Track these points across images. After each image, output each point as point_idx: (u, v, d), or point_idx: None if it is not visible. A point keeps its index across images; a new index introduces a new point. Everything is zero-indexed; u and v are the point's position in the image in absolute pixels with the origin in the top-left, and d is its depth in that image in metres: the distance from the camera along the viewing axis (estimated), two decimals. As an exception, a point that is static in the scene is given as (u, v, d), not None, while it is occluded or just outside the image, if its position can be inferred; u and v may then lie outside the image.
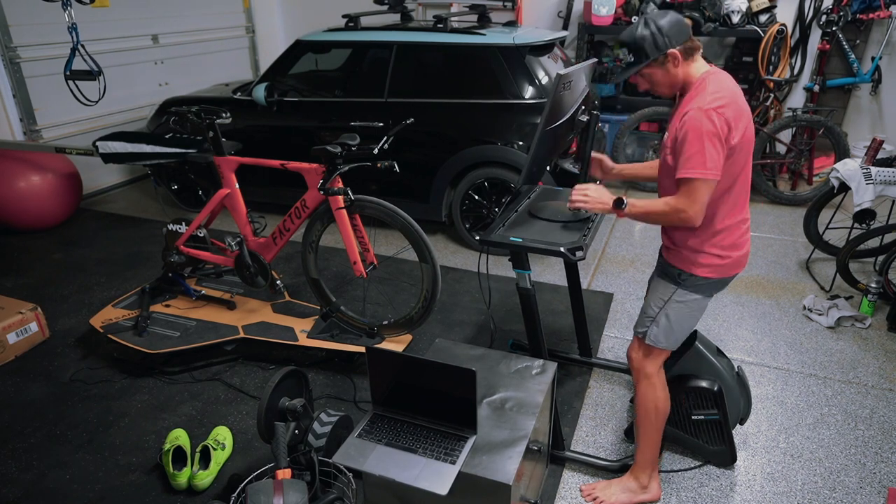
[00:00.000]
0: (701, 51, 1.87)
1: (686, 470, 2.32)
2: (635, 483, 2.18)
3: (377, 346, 2.44)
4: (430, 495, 1.62)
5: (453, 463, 1.66)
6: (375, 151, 2.60)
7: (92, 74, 3.57)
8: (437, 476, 1.63)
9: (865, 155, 3.51)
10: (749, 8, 4.96)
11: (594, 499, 2.19)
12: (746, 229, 1.97)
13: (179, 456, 2.27)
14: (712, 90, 1.74)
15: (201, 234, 3.09)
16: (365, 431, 1.80)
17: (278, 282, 2.98)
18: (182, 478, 2.18)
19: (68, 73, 3.57)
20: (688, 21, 1.83)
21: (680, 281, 1.97)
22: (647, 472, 2.17)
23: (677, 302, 1.99)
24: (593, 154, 2.29)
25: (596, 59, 2.56)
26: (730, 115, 1.72)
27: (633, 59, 1.85)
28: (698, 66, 1.84)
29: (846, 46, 4.96)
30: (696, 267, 1.93)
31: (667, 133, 1.90)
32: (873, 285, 3.27)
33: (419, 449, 1.72)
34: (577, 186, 1.98)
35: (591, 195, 1.94)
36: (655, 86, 1.90)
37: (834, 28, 4.90)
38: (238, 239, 2.97)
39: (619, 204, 1.89)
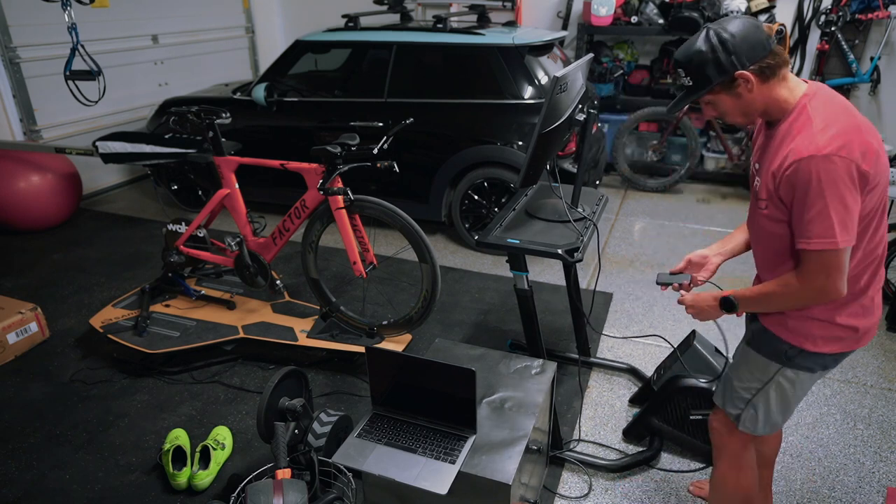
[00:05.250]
0: (789, 66, 1.42)
1: (687, 472, 2.32)
2: None
3: (377, 345, 2.45)
4: (430, 495, 1.63)
5: (453, 463, 1.67)
6: (375, 151, 2.60)
7: (92, 74, 3.57)
8: (437, 476, 1.63)
9: (864, 155, 3.51)
10: (748, 8, 4.97)
11: None
12: (880, 280, 1.51)
13: (179, 456, 2.27)
14: (821, 123, 1.32)
15: (201, 235, 3.10)
16: (364, 431, 1.80)
17: (278, 282, 2.98)
18: (182, 478, 2.18)
19: (68, 73, 3.57)
20: (768, 28, 1.45)
21: (787, 359, 1.52)
22: None
23: (782, 383, 1.56)
24: (692, 259, 1.80)
25: (592, 55, 2.55)
26: (857, 151, 1.29)
27: (690, 84, 1.43)
28: (791, 87, 1.40)
29: (845, 46, 4.96)
30: (815, 342, 1.48)
31: (757, 177, 1.49)
32: (872, 285, 3.27)
33: (419, 449, 1.73)
34: (683, 299, 1.67)
35: (696, 307, 1.62)
36: (725, 115, 1.47)
37: (833, 28, 4.90)
38: (238, 239, 2.97)
39: (729, 307, 1.54)
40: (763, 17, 5.04)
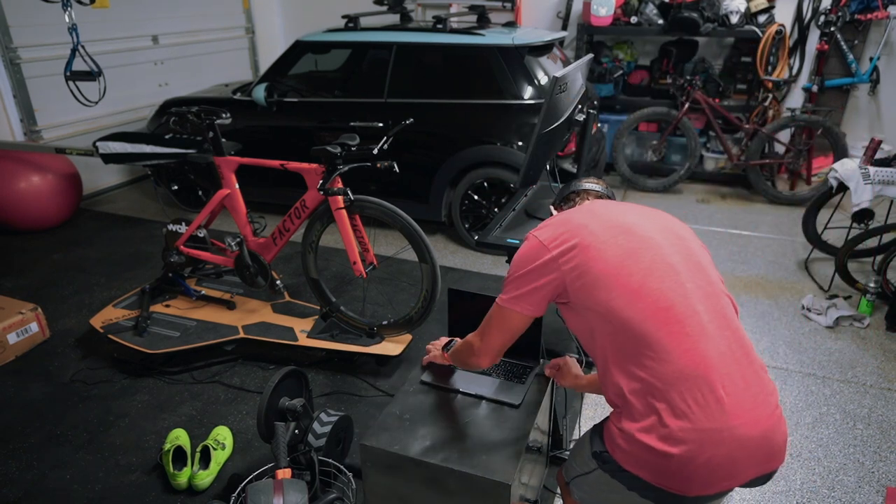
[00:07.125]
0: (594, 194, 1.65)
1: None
2: None
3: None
4: (432, 496, 1.63)
5: (522, 383, 1.90)
6: (375, 152, 2.60)
7: (92, 75, 3.57)
8: (510, 392, 1.87)
9: (864, 155, 3.51)
10: (748, 8, 4.97)
11: None
12: (688, 420, 1.21)
13: (179, 456, 2.28)
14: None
15: (201, 235, 3.10)
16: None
17: (278, 282, 2.98)
18: (182, 478, 2.18)
19: (68, 73, 3.57)
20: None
21: (602, 462, 1.37)
22: None
23: (597, 483, 1.42)
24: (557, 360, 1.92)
25: (591, 56, 2.55)
26: (548, 235, 1.39)
27: None
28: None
29: (844, 47, 4.96)
30: (624, 455, 1.29)
31: None
32: (872, 285, 3.27)
33: (492, 373, 1.98)
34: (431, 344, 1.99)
35: (432, 349, 1.99)
36: None
37: (832, 28, 4.91)
38: (238, 239, 2.97)
39: (446, 347, 1.87)
40: (762, 18, 5.05)
